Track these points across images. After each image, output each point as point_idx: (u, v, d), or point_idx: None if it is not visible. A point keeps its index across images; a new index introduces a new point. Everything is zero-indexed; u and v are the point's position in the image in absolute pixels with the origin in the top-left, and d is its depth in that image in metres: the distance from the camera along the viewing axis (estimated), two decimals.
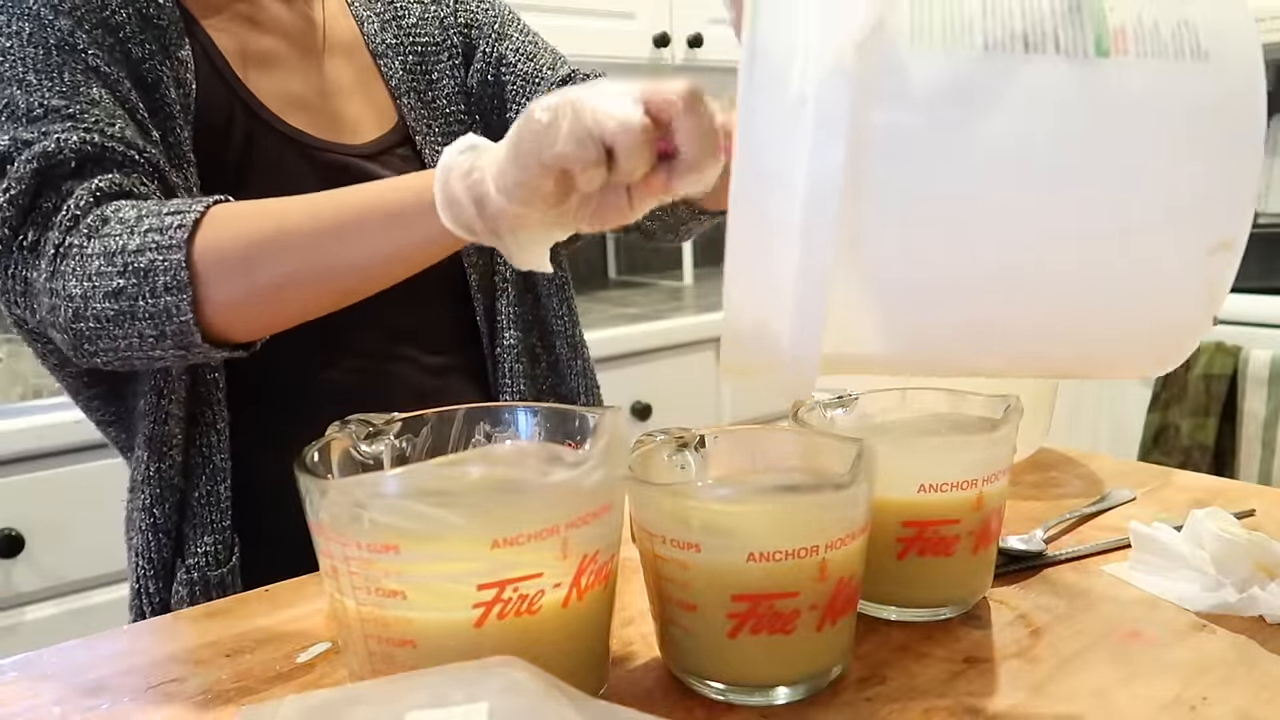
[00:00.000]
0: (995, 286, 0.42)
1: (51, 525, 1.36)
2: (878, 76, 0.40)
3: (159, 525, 0.76)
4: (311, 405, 0.79)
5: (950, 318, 0.44)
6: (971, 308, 0.43)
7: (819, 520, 0.47)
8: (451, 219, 0.57)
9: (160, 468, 0.76)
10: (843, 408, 0.62)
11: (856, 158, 0.39)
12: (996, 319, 0.44)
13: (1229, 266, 0.41)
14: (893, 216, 0.41)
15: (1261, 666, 0.51)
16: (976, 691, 0.49)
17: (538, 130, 0.52)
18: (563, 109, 0.52)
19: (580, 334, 0.96)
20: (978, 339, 0.45)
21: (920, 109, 0.40)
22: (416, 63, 0.89)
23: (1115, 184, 0.40)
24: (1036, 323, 0.44)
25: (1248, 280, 2.11)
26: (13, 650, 0.58)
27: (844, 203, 0.39)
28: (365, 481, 0.46)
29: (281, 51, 0.83)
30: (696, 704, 0.49)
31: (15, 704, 0.52)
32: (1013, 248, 0.41)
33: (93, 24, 0.72)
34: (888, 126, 0.40)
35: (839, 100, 0.39)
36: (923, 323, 0.44)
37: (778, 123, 0.40)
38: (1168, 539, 0.62)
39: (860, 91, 0.39)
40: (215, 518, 0.76)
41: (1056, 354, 0.46)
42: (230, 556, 0.77)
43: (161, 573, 0.77)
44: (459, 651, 0.41)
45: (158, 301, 0.63)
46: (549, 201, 0.54)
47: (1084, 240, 0.41)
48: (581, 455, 0.44)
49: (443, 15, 0.92)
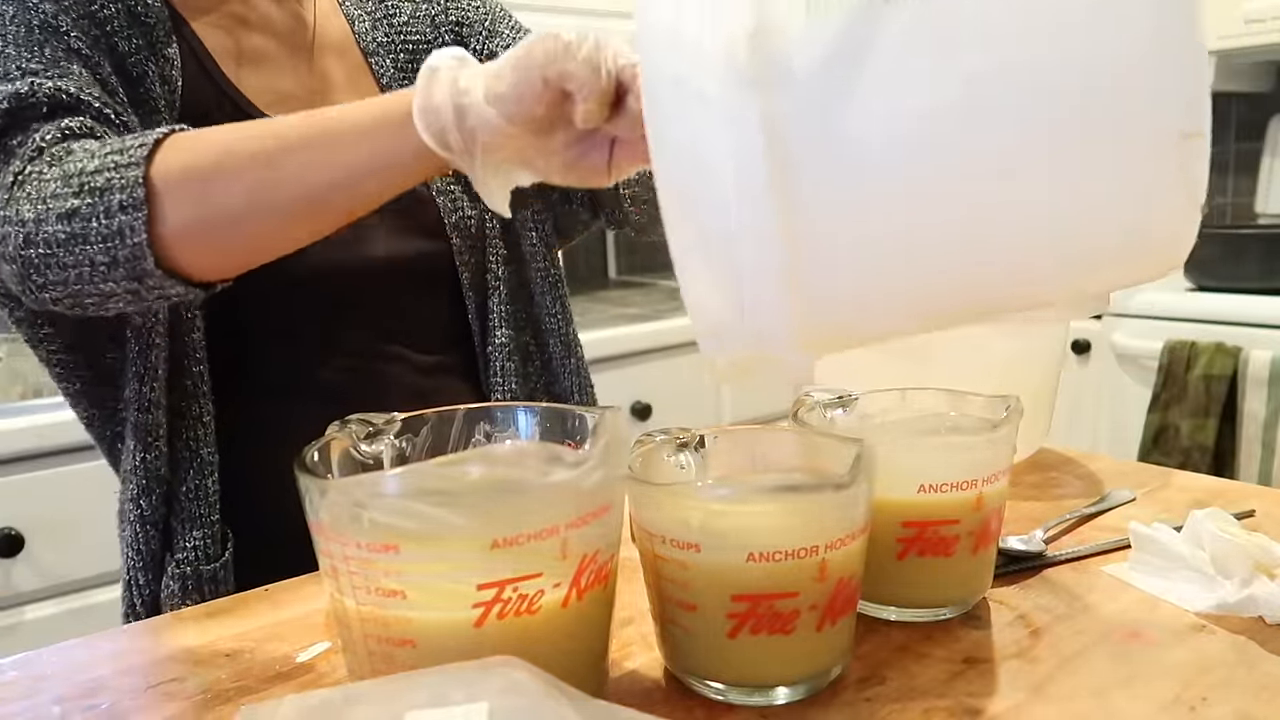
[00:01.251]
0: (971, 218, 0.42)
1: (51, 525, 1.36)
2: (775, 58, 0.40)
3: (146, 517, 0.76)
4: (304, 402, 0.79)
5: (932, 262, 0.43)
6: (951, 245, 0.43)
7: (819, 520, 0.47)
8: (426, 126, 0.55)
9: (146, 458, 0.75)
10: (843, 408, 0.62)
11: (775, 143, 0.39)
12: (981, 253, 0.43)
13: (1200, 152, 0.40)
14: (836, 191, 0.41)
15: (1261, 666, 0.51)
16: (976, 691, 0.49)
17: (554, 46, 0.51)
18: (586, 36, 0.51)
19: (574, 333, 0.95)
20: (968, 278, 0.45)
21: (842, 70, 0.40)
22: (408, 61, 0.89)
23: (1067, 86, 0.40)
24: (1021, 243, 0.43)
25: (1248, 280, 2.12)
26: (13, 650, 0.58)
27: (775, 188, 0.39)
28: (365, 481, 0.46)
29: (271, 50, 0.83)
30: (696, 704, 0.49)
31: (15, 704, 0.52)
32: (979, 178, 0.41)
33: (79, 14, 0.73)
34: (798, 107, 0.40)
35: (740, 95, 0.39)
36: (905, 277, 0.44)
37: (687, 122, 0.40)
38: (1168, 539, 0.62)
39: (760, 79, 0.39)
40: (203, 512, 0.76)
41: (1049, 271, 0.46)
42: (221, 551, 0.77)
43: (151, 565, 0.77)
44: (459, 651, 0.41)
45: (111, 222, 0.60)
46: (535, 125, 0.53)
47: (1051, 154, 0.41)
48: (581, 455, 0.44)
49: (434, 13, 0.93)
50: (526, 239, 0.92)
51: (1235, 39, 2.04)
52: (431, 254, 0.86)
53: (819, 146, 0.40)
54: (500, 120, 0.53)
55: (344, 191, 0.60)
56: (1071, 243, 0.44)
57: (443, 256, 0.87)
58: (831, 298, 0.44)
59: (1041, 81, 0.40)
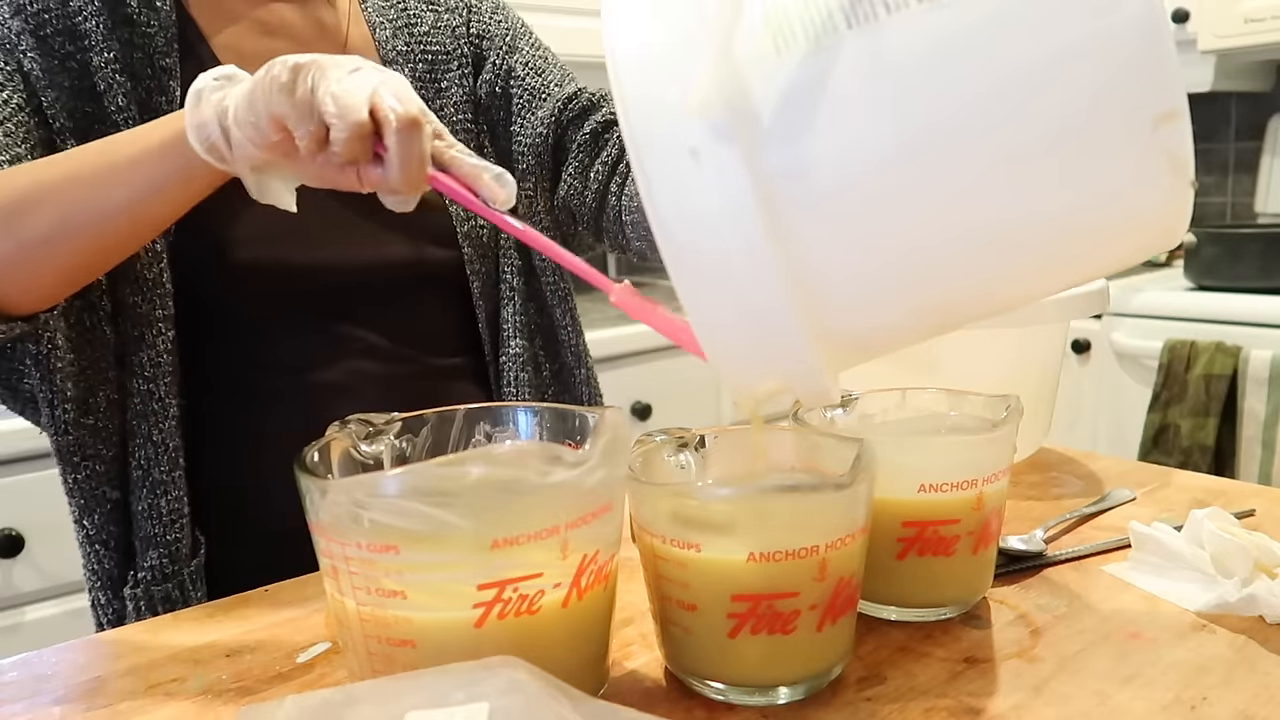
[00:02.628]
0: (960, 236, 0.42)
1: (51, 525, 1.36)
2: (749, 105, 0.40)
3: (92, 536, 0.76)
4: (311, 406, 0.79)
5: (932, 280, 0.44)
6: (946, 263, 0.43)
7: (819, 520, 0.47)
8: (199, 142, 0.58)
9: (77, 478, 0.75)
10: (843, 408, 0.62)
11: (763, 192, 0.40)
12: (978, 267, 0.44)
13: (1182, 133, 0.40)
14: (830, 223, 0.41)
15: (1261, 666, 0.51)
16: (976, 691, 0.49)
17: (274, 84, 0.55)
18: (306, 74, 0.55)
19: (584, 344, 0.96)
20: (970, 290, 0.45)
21: (811, 112, 0.40)
22: (426, 71, 0.89)
23: (1036, 90, 0.40)
24: (1015, 252, 0.44)
25: (1248, 280, 2.11)
26: (13, 650, 0.58)
27: (771, 230, 0.40)
28: (365, 481, 0.46)
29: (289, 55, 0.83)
30: (696, 704, 0.49)
31: (15, 704, 0.52)
32: (961, 196, 0.41)
33: (55, 29, 0.73)
34: (784, 153, 0.40)
35: (723, 146, 0.40)
36: (908, 296, 0.44)
37: (675, 182, 0.41)
38: (1168, 539, 0.62)
39: (739, 124, 0.40)
40: (159, 531, 0.75)
41: (1048, 272, 0.46)
42: (180, 570, 0.76)
43: (108, 584, 0.77)
44: (459, 651, 0.41)
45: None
46: (279, 150, 0.56)
47: (1029, 163, 0.41)
48: (581, 455, 0.44)
49: (455, 25, 0.92)
50: (536, 252, 0.92)
51: (1235, 39, 2.04)
52: (442, 262, 0.86)
53: (803, 188, 0.41)
54: (249, 145, 0.57)
55: (136, 211, 0.64)
56: (1064, 245, 0.44)
57: (454, 265, 0.86)
58: (846, 327, 0.44)
59: (1005, 92, 0.40)
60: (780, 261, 0.40)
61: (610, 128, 0.92)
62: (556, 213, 0.94)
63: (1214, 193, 2.55)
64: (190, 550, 0.76)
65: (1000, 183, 0.41)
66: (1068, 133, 0.40)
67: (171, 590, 0.75)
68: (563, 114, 0.91)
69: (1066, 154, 0.40)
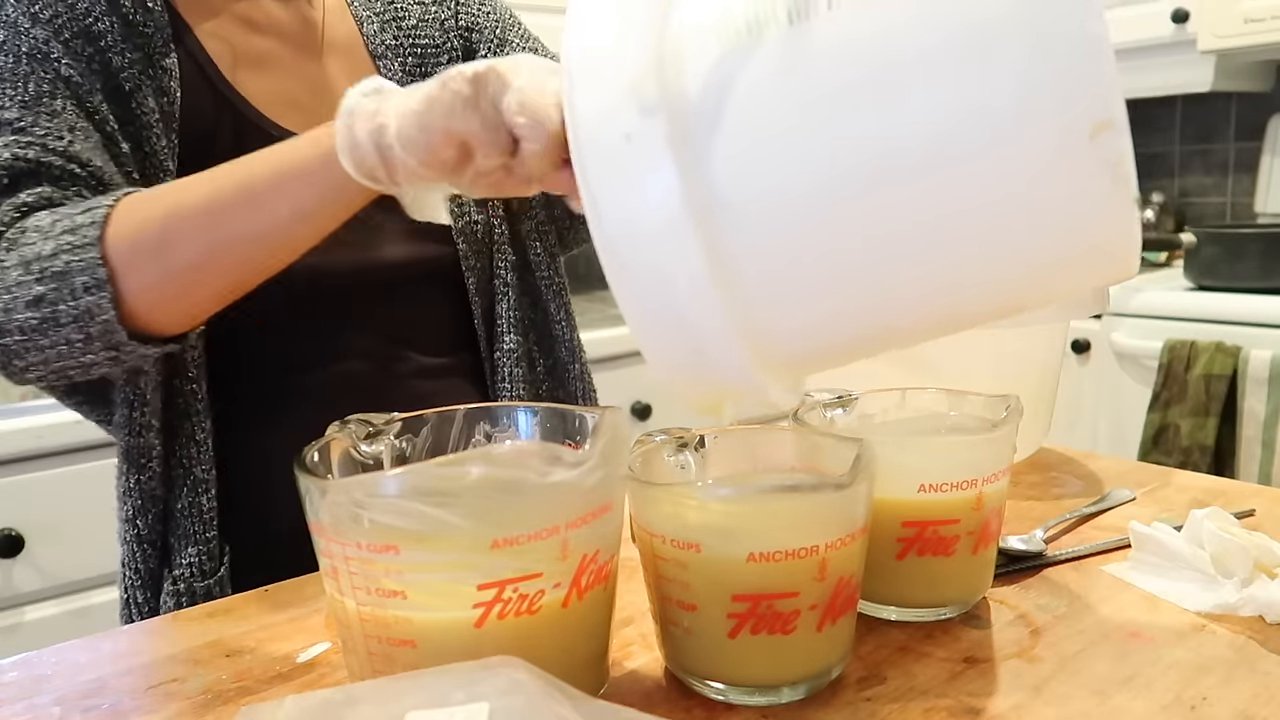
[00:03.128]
0: (891, 250, 0.41)
1: (51, 525, 1.36)
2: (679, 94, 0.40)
3: (143, 536, 0.76)
4: (309, 405, 0.79)
5: (866, 292, 0.43)
6: (880, 275, 0.42)
7: (819, 520, 0.47)
8: (354, 164, 0.56)
9: (140, 479, 0.75)
10: (843, 408, 0.62)
11: (694, 179, 0.40)
12: (913, 280, 0.43)
13: (1119, 142, 0.38)
14: (752, 221, 0.41)
15: (1261, 666, 0.51)
16: (976, 691, 0.49)
17: (455, 99, 0.52)
18: (486, 83, 0.52)
19: (578, 339, 0.96)
20: (911, 303, 0.44)
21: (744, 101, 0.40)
22: (416, 64, 0.89)
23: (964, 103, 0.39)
24: (956, 272, 0.42)
25: (1248, 280, 2.12)
26: (13, 650, 0.58)
27: (700, 226, 0.40)
28: (365, 481, 0.46)
29: (276, 51, 0.83)
30: (696, 704, 0.49)
31: (15, 704, 0.52)
32: (890, 207, 0.40)
33: (72, 33, 0.72)
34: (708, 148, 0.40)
35: (653, 131, 0.39)
36: (845, 307, 0.44)
37: (609, 167, 0.41)
38: (1168, 539, 0.62)
39: (671, 107, 0.39)
40: (199, 529, 0.76)
41: (993, 290, 0.45)
42: (218, 567, 0.77)
43: (149, 583, 0.77)
44: (459, 651, 0.41)
45: (79, 303, 0.62)
46: (446, 167, 0.54)
47: (966, 171, 0.39)
48: (581, 455, 0.44)
49: (444, 18, 0.92)
50: (533, 248, 0.93)
51: (1235, 39, 2.04)
52: (438, 258, 0.86)
53: (736, 188, 0.40)
54: (413, 162, 0.54)
55: (285, 236, 0.63)
56: (1005, 263, 0.43)
57: (449, 261, 0.86)
58: (780, 335, 0.44)
59: (931, 103, 0.39)
60: (706, 258, 0.40)
61: None
62: (553, 206, 0.94)
63: (1214, 193, 2.55)
64: (220, 550, 0.77)
65: (934, 191, 0.40)
66: (1000, 139, 0.39)
67: (212, 586, 0.76)
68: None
69: (1001, 162, 0.39)
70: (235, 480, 0.79)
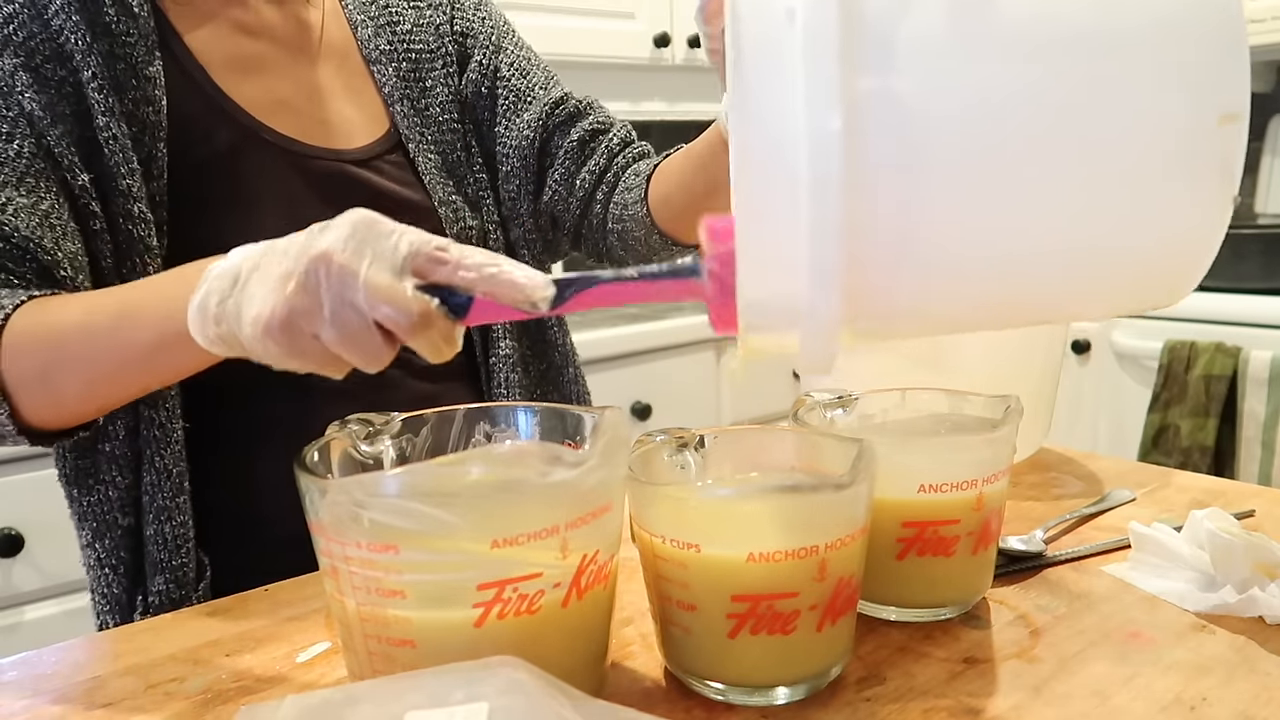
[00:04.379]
0: (1019, 214, 0.41)
1: (51, 525, 1.36)
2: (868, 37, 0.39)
3: (104, 560, 0.76)
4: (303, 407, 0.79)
5: (988, 268, 0.42)
6: (999, 245, 0.41)
7: (819, 520, 0.47)
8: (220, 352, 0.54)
9: (90, 501, 0.75)
10: (843, 408, 0.62)
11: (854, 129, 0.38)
12: (1030, 247, 0.42)
13: (1239, 138, 0.39)
14: (896, 167, 0.40)
15: (1261, 667, 0.51)
16: (976, 691, 0.49)
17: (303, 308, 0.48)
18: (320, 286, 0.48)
19: (571, 343, 0.96)
20: (1021, 288, 0.44)
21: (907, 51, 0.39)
22: (410, 69, 0.89)
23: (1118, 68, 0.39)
24: (1069, 237, 0.42)
25: (1248, 280, 2.11)
26: (13, 650, 0.58)
27: (846, 155, 0.38)
28: (365, 481, 0.46)
29: (270, 55, 0.82)
30: (696, 704, 0.49)
31: (15, 704, 0.52)
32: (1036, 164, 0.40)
33: (45, 56, 0.71)
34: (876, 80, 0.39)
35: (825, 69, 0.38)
36: (948, 274, 0.43)
37: (770, 92, 0.39)
38: (1167, 539, 0.62)
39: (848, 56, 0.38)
40: (166, 557, 0.74)
41: (1089, 279, 0.44)
42: (192, 592, 0.75)
43: (117, 608, 0.76)
44: (459, 651, 0.41)
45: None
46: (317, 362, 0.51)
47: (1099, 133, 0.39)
48: (581, 455, 0.44)
49: (438, 22, 0.92)
50: (529, 250, 0.93)
51: None
52: None
53: (896, 139, 0.39)
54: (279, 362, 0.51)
55: (168, 370, 0.63)
56: (1109, 240, 0.42)
57: None
58: (878, 295, 0.42)
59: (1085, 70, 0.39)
60: (845, 200, 0.38)
61: (597, 136, 0.92)
62: (539, 216, 0.94)
63: None
64: (196, 574, 0.76)
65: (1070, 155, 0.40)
66: (1141, 102, 0.39)
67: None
68: (549, 119, 0.91)
69: (1130, 134, 0.39)
70: (237, 489, 0.78)
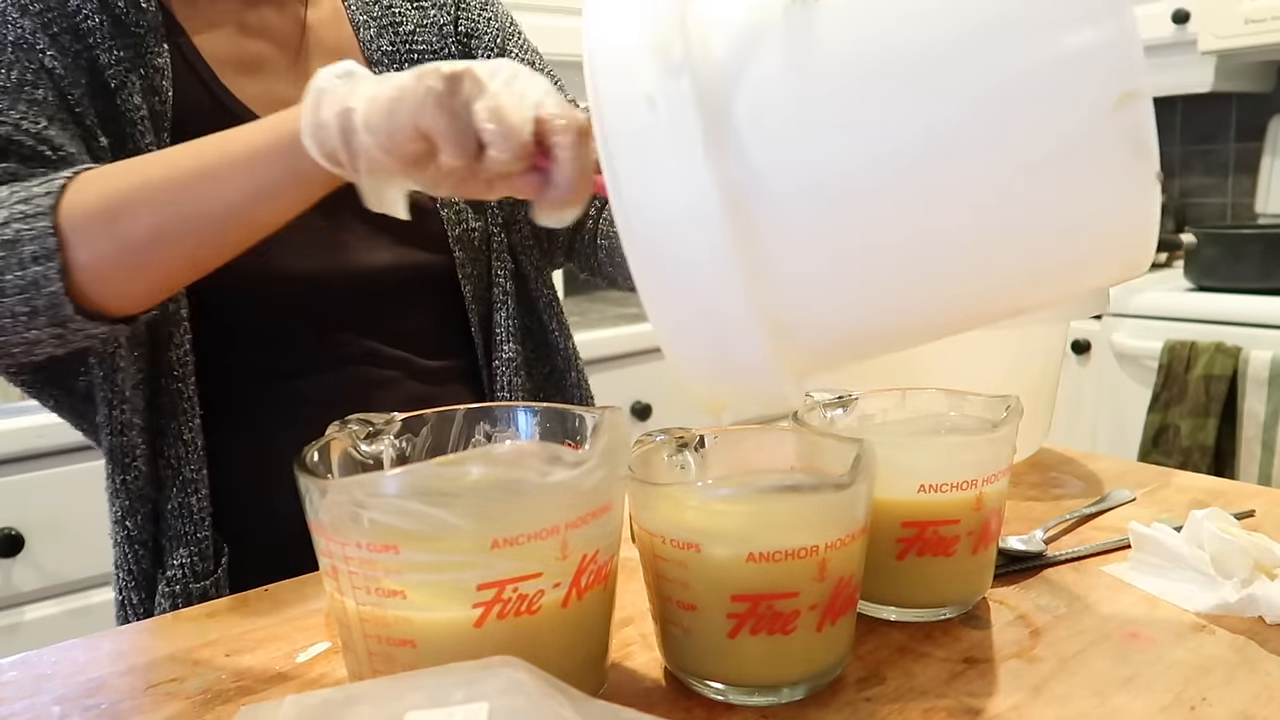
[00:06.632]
0: (921, 229, 0.41)
1: (51, 525, 1.36)
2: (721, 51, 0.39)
3: (133, 537, 0.76)
4: (303, 409, 0.79)
5: (900, 284, 0.42)
6: (911, 263, 0.42)
7: (819, 520, 0.47)
8: (316, 145, 0.55)
9: (126, 479, 0.75)
10: (843, 408, 0.62)
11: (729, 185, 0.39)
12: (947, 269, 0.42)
13: (1144, 112, 0.38)
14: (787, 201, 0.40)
15: (1261, 666, 0.51)
16: (976, 691, 0.49)
17: (427, 95, 0.51)
18: (461, 84, 0.51)
19: (573, 346, 0.96)
20: (940, 296, 0.44)
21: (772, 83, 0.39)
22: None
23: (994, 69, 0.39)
24: (986, 252, 0.42)
25: (1248, 280, 2.11)
26: (13, 650, 0.58)
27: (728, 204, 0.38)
28: (365, 481, 0.46)
29: (272, 56, 0.83)
30: (696, 704, 0.49)
31: (15, 704, 0.52)
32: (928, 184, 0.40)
33: (61, 28, 0.72)
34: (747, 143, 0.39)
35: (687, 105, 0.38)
36: (866, 295, 0.43)
37: (630, 138, 0.39)
38: (1167, 539, 0.62)
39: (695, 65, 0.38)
40: (189, 530, 0.75)
41: (1020, 275, 0.44)
42: (214, 569, 0.76)
43: (143, 584, 0.77)
44: (459, 651, 0.41)
45: (25, 273, 0.61)
46: (409, 160, 0.53)
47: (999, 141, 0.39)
48: (581, 455, 0.44)
49: (442, 22, 0.92)
50: (527, 257, 0.93)
51: (1235, 39, 2.04)
52: (433, 265, 0.86)
53: (769, 164, 0.39)
54: (377, 151, 0.53)
55: (242, 216, 0.61)
56: (1028, 241, 0.42)
57: (445, 268, 0.86)
58: (805, 330, 0.43)
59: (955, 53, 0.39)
60: (738, 252, 0.39)
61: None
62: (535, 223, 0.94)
63: (1214, 193, 2.55)
64: (215, 552, 0.77)
65: (966, 164, 0.39)
66: (1022, 104, 0.38)
67: (209, 588, 0.76)
68: None
69: (1030, 131, 0.39)
70: (232, 481, 0.79)
